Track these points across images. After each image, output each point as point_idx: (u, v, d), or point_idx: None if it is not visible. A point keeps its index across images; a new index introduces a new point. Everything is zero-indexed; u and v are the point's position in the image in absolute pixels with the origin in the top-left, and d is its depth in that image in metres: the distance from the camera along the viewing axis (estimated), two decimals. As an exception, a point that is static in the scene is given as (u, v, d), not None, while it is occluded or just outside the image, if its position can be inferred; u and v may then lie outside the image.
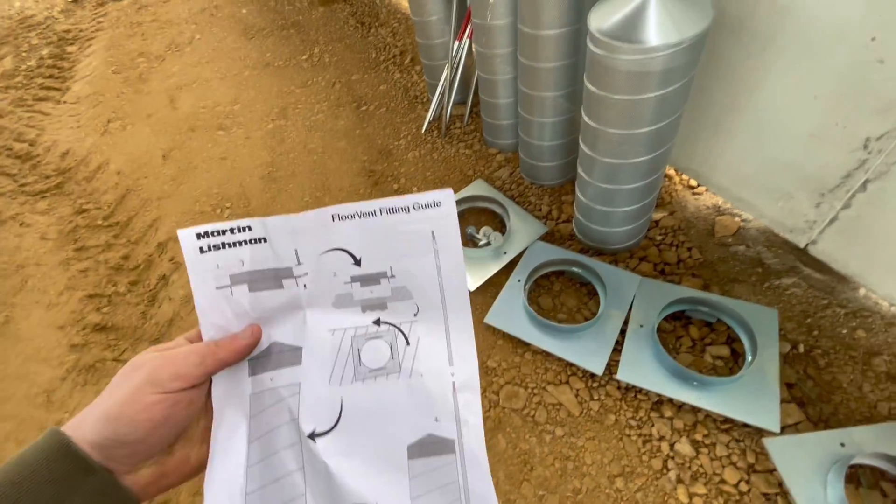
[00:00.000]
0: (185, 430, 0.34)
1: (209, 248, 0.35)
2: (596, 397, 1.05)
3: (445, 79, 1.65)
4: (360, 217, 0.35)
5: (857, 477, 0.88)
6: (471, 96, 1.78)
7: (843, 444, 0.89)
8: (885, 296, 1.00)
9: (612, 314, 1.14)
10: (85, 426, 0.30)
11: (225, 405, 0.35)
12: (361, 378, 0.35)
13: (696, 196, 1.40)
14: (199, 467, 0.34)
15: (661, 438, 0.97)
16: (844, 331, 1.06)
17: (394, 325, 0.36)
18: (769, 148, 1.05)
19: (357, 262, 0.36)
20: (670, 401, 1.02)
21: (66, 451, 0.29)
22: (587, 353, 1.09)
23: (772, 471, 0.91)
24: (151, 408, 0.31)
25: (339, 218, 0.35)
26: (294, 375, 0.36)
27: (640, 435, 0.99)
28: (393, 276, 0.36)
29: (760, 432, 0.95)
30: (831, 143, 0.93)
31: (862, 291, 1.11)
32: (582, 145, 1.12)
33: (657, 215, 1.35)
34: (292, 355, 0.36)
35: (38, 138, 2.34)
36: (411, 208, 0.35)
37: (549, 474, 0.97)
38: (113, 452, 0.30)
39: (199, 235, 0.34)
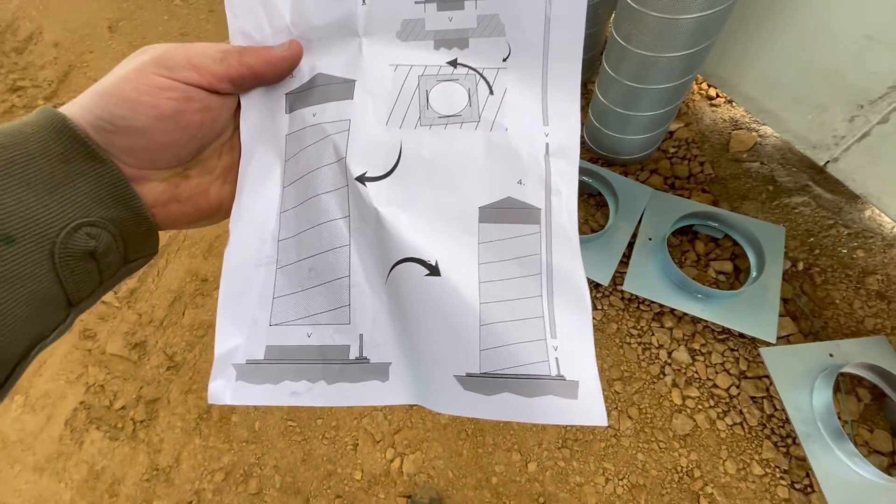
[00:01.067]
0: (201, 150, 0.28)
1: None
2: (599, 307, 1.05)
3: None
4: None
5: (838, 385, 0.94)
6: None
7: (831, 355, 0.93)
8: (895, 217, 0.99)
9: (622, 226, 1.11)
10: (77, 104, 0.24)
11: (256, 142, 0.29)
12: (428, 123, 0.28)
13: (714, 108, 1.32)
14: (219, 207, 0.29)
15: (660, 347, 1.00)
16: (844, 250, 1.08)
17: (475, 70, 0.28)
18: (813, 52, 0.96)
19: None
20: (672, 312, 1.03)
21: (61, 127, 0.23)
22: (594, 264, 1.07)
23: (761, 377, 0.95)
24: (156, 91, 0.24)
25: None
26: (343, 111, 0.28)
27: (640, 343, 1.01)
28: None
29: (755, 343, 0.98)
30: (889, 46, 0.85)
31: (868, 213, 1.11)
32: (614, 34, 0.99)
33: (672, 126, 1.28)
34: (342, 88, 0.29)
35: (-54, -5, 1.93)
36: None
37: (550, 378, 0.99)
38: (110, 138, 0.24)
39: None
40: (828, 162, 1.05)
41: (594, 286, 1.08)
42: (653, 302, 1.03)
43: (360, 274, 0.27)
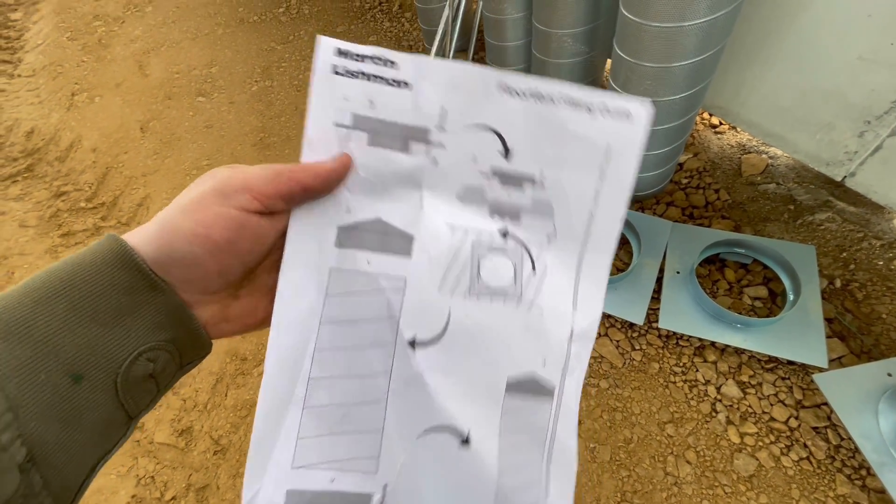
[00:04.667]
0: (250, 273, 0.29)
1: (344, 73, 0.28)
2: (637, 347, 1.04)
3: (447, 20, 1.52)
4: (533, 98, 0.28)
5: (903, 404, 0.89)
6: (472, 42, 1.66)
7: (890, 374, 0.89)
8: (926, 224, 0.98)
9: (647, 262, 1.11)
10: (140, 234, 0.26)
11: (297, 265, 0.29)
12: (476, 294, 0.30)
13: (719, 135, 1.35)
14: (267, 321, 0.30)
15: (707, 382, 0.97)
16: (881, 262, 1.05)
17: (522, 244, 0.30)
18: (811, 76, 0.99)
19: (506, 153, 0.30)
20: (713, 345, 1.01)
21: (127, 259, 0.24)
22: (625, 303, 1.06)
23: (820, 405, 0.91)
24: (214, 223, 0.26)
25: (508, 90, 0.28)
26: (401, 267, 0.29)
27: (685, 381, 0.98)
28: (541, 183, 0.30)
29: (805, 369, 0.95)
30: (883, 65, 0.87)
31: (897, 222, 1.09)
32: (612, 83, 1.04)
33: (681, 158, 1.30)
34: (401, 242, 0.30)
35: (-4, 118, 2.14)
36: (596, 109, 0.28)
37: (598, 426, 0.97)
38: (168, 269, 0.26)
39: (339, 52, 0.28)
40: (845, 177, 1.06)
41: (628, 326, 1.07)
42: (692, 336, 1.02)
43: (393, 428, 0.29)
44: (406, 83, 0.28)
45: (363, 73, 0.28)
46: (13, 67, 2.40)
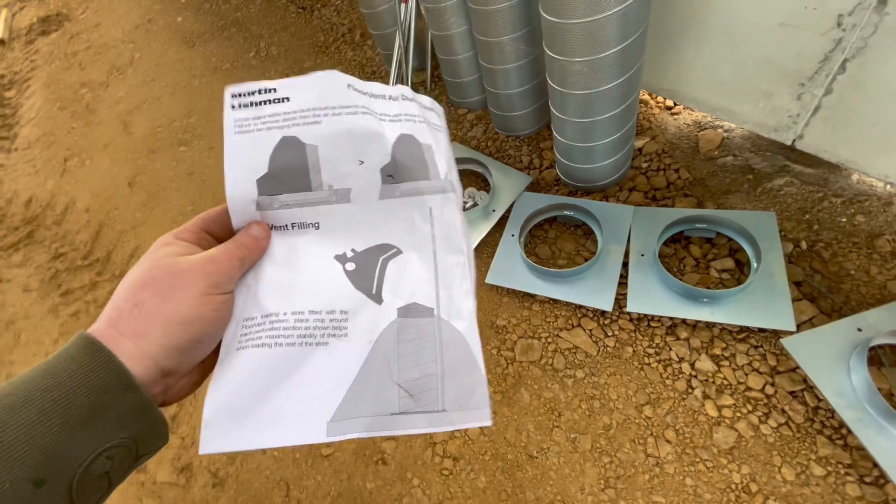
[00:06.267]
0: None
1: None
2: (610, 333, 1.05)
3: (399, 45, 1.58)
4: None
5: (878, 359, 0.88)
6: (429, 59, 1.72)
7: (860, 329, 0.88)
8: (879, 176, 0.98)
9: (612, 249, 1.13)
10: (150, 336, 0.28)
11: None
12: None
13: (675, 116, 1.37)
14: (194, 388, 0.34)
15: (681, 360, 0.97)
16: (843, 219, 1.05)
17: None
18: (740, 48, 1.01)
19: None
20: (683, 322, 1.01)
21: (106, 362, 0.26)
22: (593, 292, 1.08)
23: (795, 369, 0.91)
24: (221, 306, 0.31)
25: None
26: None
27: (659, 361, 0.99)
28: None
29: (777, 335, 0.94)
30: (804, 29, 0.89)
31: (855, 177, 1.09)
32: (550, 83, 1.07)
33: (639, 143, 1.32)
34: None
35: (-3, 191, 2.26)
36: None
37: (577, 416, 0.97)
38: (180, 360, 0.29)
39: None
40: (794, 140, 1.07)
41: (600, 314, 1.08)
42: (662, 316, 1.02)
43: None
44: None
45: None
46: (10, 143, 2.53)
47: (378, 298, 0.34)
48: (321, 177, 0.34)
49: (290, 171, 0.33)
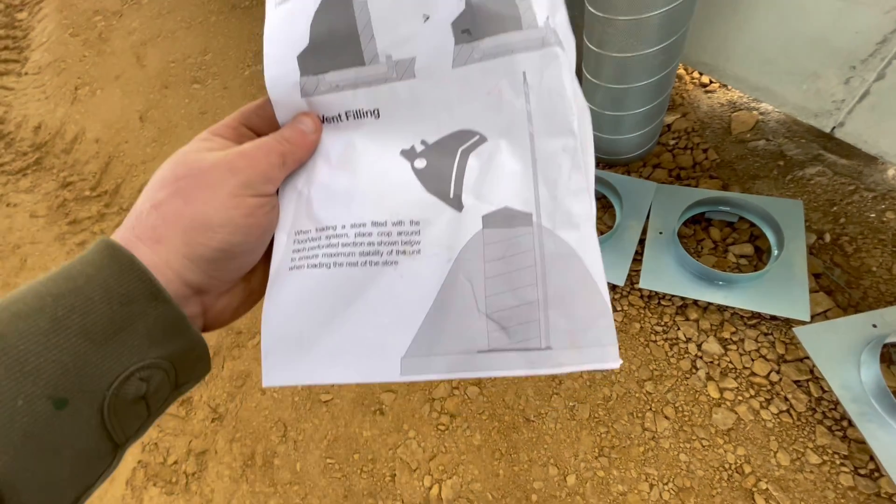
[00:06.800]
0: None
1: None
2: (619, 308, 1.04)
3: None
4: None
5: (889, 356, 0.87)
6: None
7: (874, 326, 0.87)
8: (918, 172, 0.94)
9: (630, 225, 1.10)
10: (169, 241, 0.23)
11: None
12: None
13: (709, 94, 1.31)
14: (238, 314, 0.30)
15: (689, 340, 0.96)
16: (873, 215, 1.02)
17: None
18: (793, 23, 0.95)
19: None
20: (695, 303, 1.00)
21: (127, 266, 0.22)
22: (607, 265, 1.05)
23: (802, 359, 0.90)
24: (256, 211, 0.26)
25: None
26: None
27: (666, 339, 0.98)
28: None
29: (789, 324, 0.93)
30: (866, 4, 0.83)
31: (891, 172, 1.05)
32: (587, 43, 1.02)
33: (669, 118, 1.28)
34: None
35: (6, 115, 2.22)
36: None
37: (577, 386, 0.97)
38: (209, 274, 0.25)
39: None
40: (834, 128, 1.02)
41: (611, 288, 1.07)
42: (674, 296, 1.01)
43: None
44: None
45: None
46: (21, 66, 2.47)
47: (457, 203, 0.26)
48: (375, 45, 0.26)
49: (337, 40, 0.27)
